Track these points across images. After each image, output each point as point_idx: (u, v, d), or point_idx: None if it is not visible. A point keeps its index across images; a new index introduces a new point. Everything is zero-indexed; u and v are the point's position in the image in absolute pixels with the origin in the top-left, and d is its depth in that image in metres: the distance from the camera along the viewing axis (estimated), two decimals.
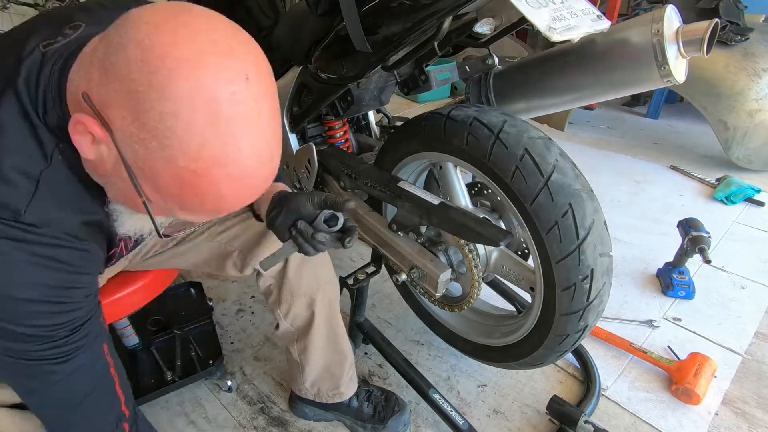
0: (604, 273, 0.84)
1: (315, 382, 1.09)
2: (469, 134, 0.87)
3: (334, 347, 1.04)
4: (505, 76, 1.12)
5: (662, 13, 0.85)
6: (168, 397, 1.23)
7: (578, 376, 1.26)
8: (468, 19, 0.87)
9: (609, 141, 2.77)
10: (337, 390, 1.09)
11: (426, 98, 3.48)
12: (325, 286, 0.97)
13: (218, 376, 1.24)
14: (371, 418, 1.12)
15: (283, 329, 1.00)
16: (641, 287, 1.57)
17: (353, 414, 1.12)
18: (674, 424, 1.12)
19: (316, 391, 1.10)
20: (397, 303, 1.50)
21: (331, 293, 1.00)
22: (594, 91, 0.99)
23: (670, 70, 0.85)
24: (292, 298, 0.95)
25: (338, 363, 1.06)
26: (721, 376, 1.23)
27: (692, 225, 1.51)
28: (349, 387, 1.11)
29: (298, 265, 0.92)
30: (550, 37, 0.71)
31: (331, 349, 1.04)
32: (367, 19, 0.84)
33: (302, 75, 1.15)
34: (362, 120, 1.44)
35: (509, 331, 1.08)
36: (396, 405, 1.13)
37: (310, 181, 1.26)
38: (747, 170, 2.31)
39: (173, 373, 1.19)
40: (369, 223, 1.13)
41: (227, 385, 1.24)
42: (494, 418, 1.16)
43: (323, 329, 1.01)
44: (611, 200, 2.11)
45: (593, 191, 0.84)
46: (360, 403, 1.13)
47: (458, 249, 1.01)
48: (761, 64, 2.22)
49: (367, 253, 1.68)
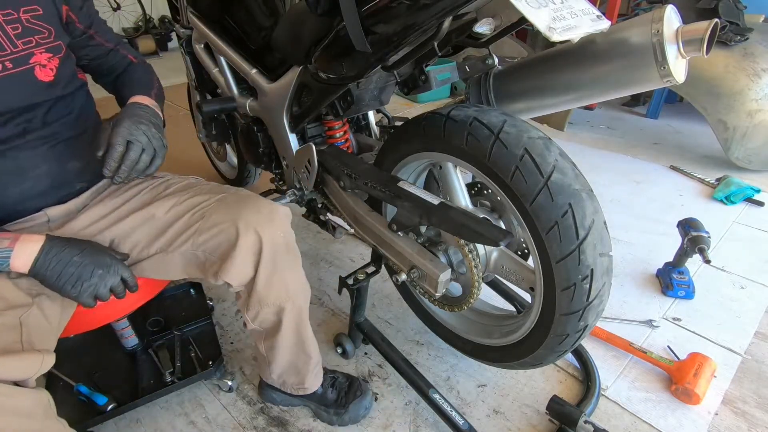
0: (604, 273, 0.84)
1: (281, 375, 1.12)
2: (469, 134, 0.87)
3: (301, 349, 1.07)
4: (505, 76, 1.12)
5: (662, 13, 0.85)
6: (168, 398, 1.23)
7: (578, 376, 1.26)
8: (468, 19, 0.87)
9: (609, 141, 2.77)
10: (301, 385, 1.13)
11: (426, 98, 3.49)
12: (295, 295, 0.98)
13: (218, 377, 1.25)
14: (334, 403, 1.15)
15: (251, 329, 1.03)
16: (641, 287, 1.57)
17: (317, 400, 1.16)
18: (674, 424, 1.12)
19: (282, 382, 1.14)
20: (397, 303, 1.50)
21: (301, 302, 1.01)
22: (594, 91, 0.99)
23: (670, 70, 0.85)
24: (260, 306, 0.96)
25: (304, 362, 1.09)
26: (720, 376, 1.24)
27: (692, 225, 1.51)
28: (314, 383, 1.14)
29: (268, 276, 0.92)
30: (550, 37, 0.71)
31: (298, 350, 1.07)
32: (367, 19, 0.84)
33: (302, 75, 1.15)
34: (362, 120, 1.44)
35: (509, 331, 1.08)
36: (358, 389, 1.17)
37: (310, 180, 1.26)
38: (747, 170, 2.31)
39: (172, 374, 1.19)
40: (369, 223, 1.13)
41: (227, 385, 1.24)
42: (494, 418, 1.16)
43: (290, 334, 1.03)
44: (611, 200, 2.11)
45: (593, 191, 0.84)
46: (324, 390, 1.16)
47: (458, 249, 1.01)
48: (761, 64, 2.22)
49: (367, 253, 1.69)
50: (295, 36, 1.14)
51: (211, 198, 0.95)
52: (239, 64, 1.36)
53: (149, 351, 1.27)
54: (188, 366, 1.23)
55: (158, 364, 1.23)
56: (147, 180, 1.01)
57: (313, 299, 1.57)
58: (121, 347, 1.26)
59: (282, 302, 0.96)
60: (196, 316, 1.38)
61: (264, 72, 1.32)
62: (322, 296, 1.58)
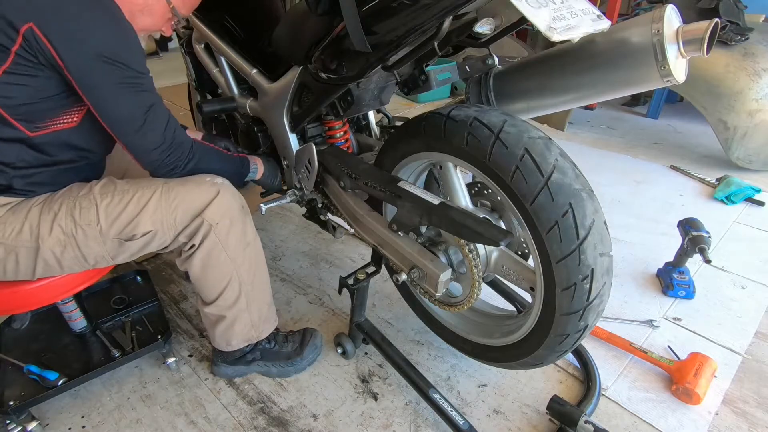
0: (604, 273, 0.84)
1: (224, 332, 1.18)
2: (469, 134, 0.87)
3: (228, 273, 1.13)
4: (505, 76, 1.12)
5: (662, 12, 0.85)
6: (168, 397, 1.23)
7: (578, 376, 1.26)
8: (468, 19, 0.87)
9: (609, 141, 2.77)
10: (256, 330, 1.21)
11: (426, 98, 3.49)
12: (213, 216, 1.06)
13: (167, 349, 1.31)
14: (290, 354, 1.27)
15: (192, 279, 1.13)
16: (641, 287, 1.57)
17: (272, 357, 1.26)
18: (674, 424, 1.12)
19: (227, 339, 1.19)
20: (397, 303, 1.50)
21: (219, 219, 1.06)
22: (594, 91, 0.98)
23: (670, 69, 0.85)
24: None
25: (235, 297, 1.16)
26: (721, 376, 1.24)
27: (692, 225, 1.51)
28: (265, 327, 1.24)
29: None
30: (550, 37, 0.71)
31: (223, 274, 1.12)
32: (367, 19, 0.85)
33: (302, 75, 1.15)
34: (362, 120, 1.44)
35: (509, 331, 1.08)
36: (310, 336, 1.30)
37: (310, 180, 1.27)
38: (747, 170, 2.31)
39: (123, 350, 1.25)
40: (369, 223, 1.13)
41: (167, 363, 1.30)
42: (494, 418, 1.16)
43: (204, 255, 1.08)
44: (611, 200, 2.11)
45: (593, 191, 0.84)
46: (280, 345, 1.27)
47: (458, 249, 1.01)
48: (761, 64, 2.22)
49: (367, 253, 1.68)
50: (295, 36, 1.14)
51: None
52: (239, 64, 1.36)
53: (97, 333, 1.31)
54: (139, 341, 1.29)
55: (107, 343, 1.27)
56: None
57: (314, 299, 1.57)
58: (70, 331, 1.29)
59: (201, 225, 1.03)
60: (143, 299, 1.43)
61: (264, 72, 1.32)
62: (323, 296, 1.58)
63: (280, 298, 1.58)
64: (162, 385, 1.27)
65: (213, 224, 1.03)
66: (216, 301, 1.13)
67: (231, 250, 1.08)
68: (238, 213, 1.08)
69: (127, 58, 0.86)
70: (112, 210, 0.97)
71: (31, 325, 1.35)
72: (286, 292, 1.61)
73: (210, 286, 1.11)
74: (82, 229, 0.95)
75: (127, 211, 0.97)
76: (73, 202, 0.96)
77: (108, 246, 0.99)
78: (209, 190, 1.03)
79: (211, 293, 1.13)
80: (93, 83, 0.85)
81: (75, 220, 0.95)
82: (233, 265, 1.10)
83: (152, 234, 1.00)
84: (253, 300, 1.16)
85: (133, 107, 0.90)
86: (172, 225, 1.01)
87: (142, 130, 0.91)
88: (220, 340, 1.20)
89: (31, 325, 1.35)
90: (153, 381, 1.28)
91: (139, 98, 0.90)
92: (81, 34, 0.81)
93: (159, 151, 0.95)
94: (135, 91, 0.89)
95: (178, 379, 1.29)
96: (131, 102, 0.90)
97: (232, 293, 1.13)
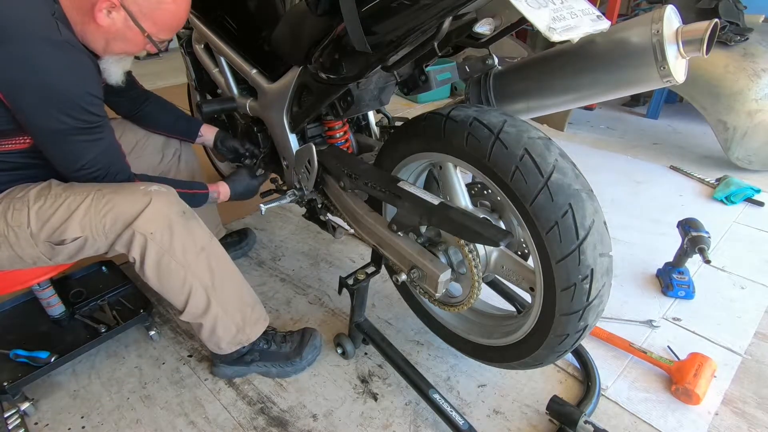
0: (604, 273, 0.84)
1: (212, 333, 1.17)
2: (469, 134, 0.87)
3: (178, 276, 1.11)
4: (505, 76, 1.12)
5: (662, 13, 0.85)
6: (168, 398, 1.23)
7: (578, 376, 1.26)
8: (468, 19, 0.87)
9: (609, 141, 2.77)
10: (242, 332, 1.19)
11: (426, 98, 3.49)
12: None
13: (150, 322, 1.36)
14: (289, 355, 1.26)
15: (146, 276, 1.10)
16: (641, 287, 1.57)
17: (271, 357, 1.26)
18: (674, 424, 1.12)
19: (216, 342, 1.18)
20: (397, 303, 1.50)
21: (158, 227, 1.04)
22: (594, 91, 0.98)
23: (670, 70, 0.85)
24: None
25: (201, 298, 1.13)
26: (720, 376, 1.24)
27: (692, 225, 1.51)
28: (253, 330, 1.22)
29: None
30: (550, 37, 0.71)
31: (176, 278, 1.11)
32: (367, 20, 0.84)
33: (302, 75, 1.15)
34: (362, 120, 1.44)
35: (509, 331, 1.08)
36: (309, 336, 1.30)
37: (310, 181, 1.27)
38: (747, 170, 2.31)
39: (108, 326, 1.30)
40: (369, 223, 1.13)
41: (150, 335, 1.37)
42: (494, 418, 1.16)
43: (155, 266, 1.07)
44: (611, 200, 2.11)
45: (593, 191, 0.84)
46: (278, 345, 1.27)
47: (458, 249, 1.01)
48: (761, 64, 2.22)
49: (367, 253, 1.68)
50: (295, 36, 1.14)
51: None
52: (239, 65, 1.36)
53: (76, 317, 1.34)
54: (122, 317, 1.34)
55: (89, 323, 1.32)
56: None
57: (313, 299, 1.57)
58: (48, 318, 1.31)
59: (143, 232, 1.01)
60: (115, 284, 1.48)
61: (264, 72, 1.32)
62: (322, 296, 1.58)
63: (279, 298, 1.58)
64: (162, 385, 1.27)
65: (147, 234, 0.99)
66: (186, 309, 1.11)
67: (180, 257, 1.04)
68: (178, 219, 1.03)
69: (73, 108, 0.89)
70: (43, 213, 0.96)
71: (2, 320, 1.36)
72: (286, 292, 1.61)
73: (173, 296, 1.10)
74: (14, 231, 0.96)
75: (57, 215, 0.96)
76: (8, 204, 0.97)
77: (41, 248, 0.98)
78: (141, 199, 0.99)
79: (178, 302, 1.11)
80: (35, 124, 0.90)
81: (7, 221, 0.96)
82: (188, 272, 1.06)
83: (83, 239, 0.98)
84: (227, 304, 1.14)
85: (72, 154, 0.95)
86: (102, 232, 0.99)
87: (75, 168, 0.98)
88: (210, 344, 1.19)
89: (2, 320, 1.36)
90: (153, 381, 1.28)
91: (82, 145, 0.95)
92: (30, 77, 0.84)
93: (85, 172, 0.99)
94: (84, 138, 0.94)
95: (177, 379, 1.29)
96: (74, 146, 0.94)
97: (200, 300, 1.10)
